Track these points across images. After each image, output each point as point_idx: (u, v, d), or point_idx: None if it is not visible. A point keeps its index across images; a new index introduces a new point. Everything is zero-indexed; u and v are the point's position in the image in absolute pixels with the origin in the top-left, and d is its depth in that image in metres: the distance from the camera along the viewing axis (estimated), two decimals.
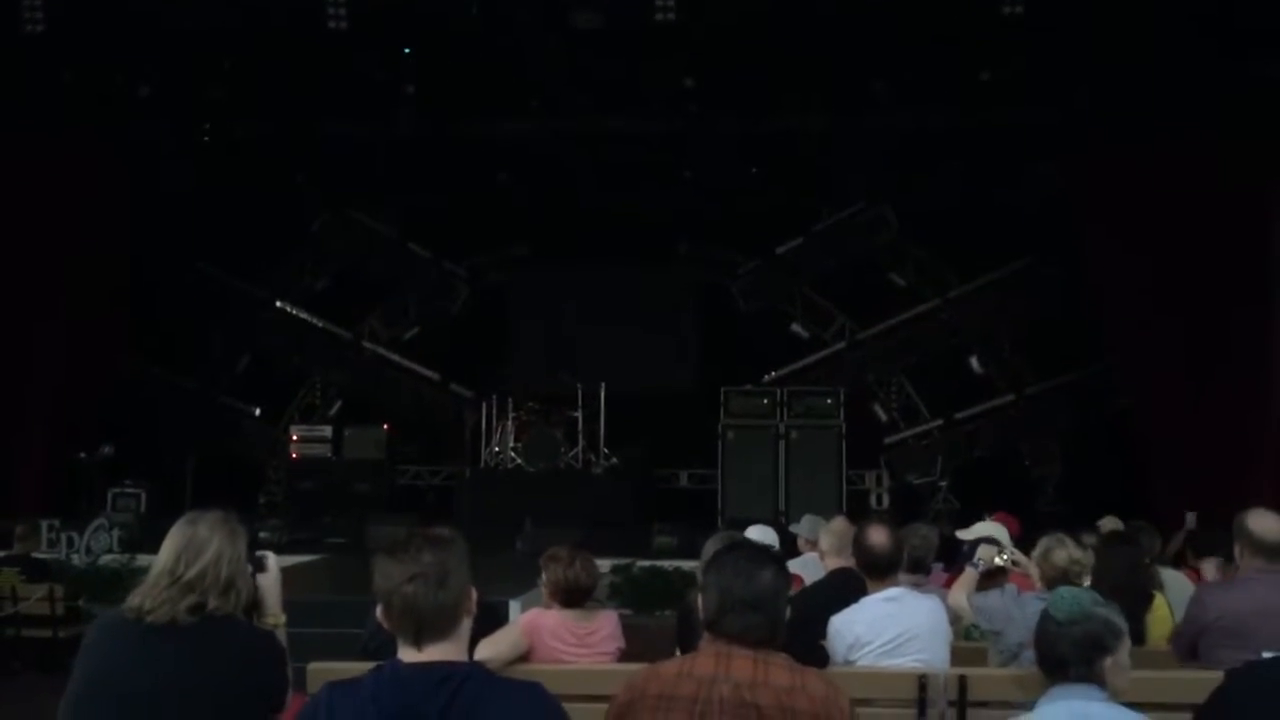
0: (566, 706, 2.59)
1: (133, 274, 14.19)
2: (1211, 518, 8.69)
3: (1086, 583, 4.47)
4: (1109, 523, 7.14)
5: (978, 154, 13.80)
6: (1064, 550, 4.59)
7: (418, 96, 13.01)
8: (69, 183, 12.82)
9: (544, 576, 4.94)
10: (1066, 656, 2.82)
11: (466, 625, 2.52)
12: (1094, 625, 2.83)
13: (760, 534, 6.01)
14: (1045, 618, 2.90)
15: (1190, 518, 9.02)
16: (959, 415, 15.57)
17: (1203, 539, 6.83)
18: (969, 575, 5.12)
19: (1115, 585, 4.35)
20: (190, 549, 2.98)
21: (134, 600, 2.96)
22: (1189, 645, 4.52)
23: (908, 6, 10.88)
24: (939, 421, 15.64)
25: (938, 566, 5.94)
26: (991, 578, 5.07)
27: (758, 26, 11.46)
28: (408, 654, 2.45)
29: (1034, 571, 4.76)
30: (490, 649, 4.44)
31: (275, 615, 3.27)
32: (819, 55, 12.02)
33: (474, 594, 2.54)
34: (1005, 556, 5.17)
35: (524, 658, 4.78)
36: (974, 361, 15.59)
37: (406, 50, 12.15)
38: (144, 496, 12.35)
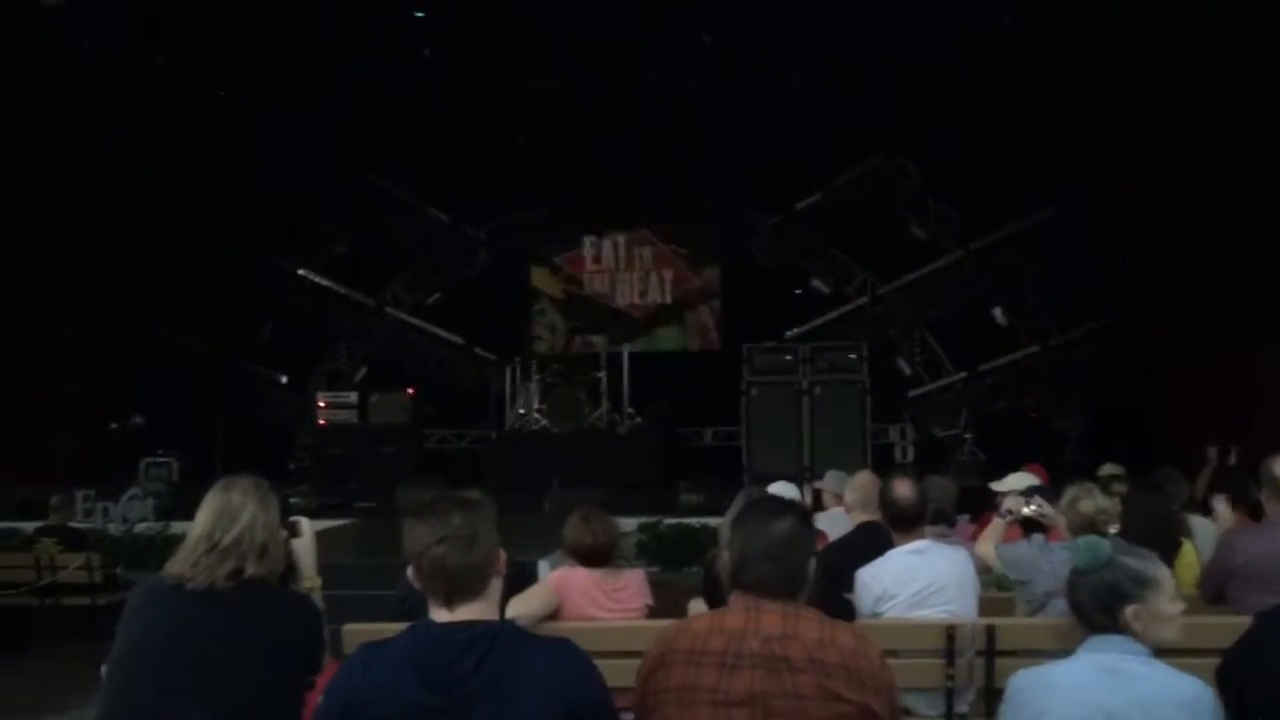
0: (600, 663, 2.64)
1: (160, 244, 14.26)
2: (1231, 454, 8.68)
3: (1114, 530, 4.48)
4: (1109, 469, 7.13)
5: (998, 103, 13.65)
6: (1090, 500, 4.59)
7: (435, 60, 12.97)
8: (96, 156, 12.88)
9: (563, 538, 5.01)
10: (1085, 604, 2.84)
11: (497, 585, 2.56)
12: (1113, 574, 2.83)
13: (782, 490, 6.03)
14: (1073, 570, 2.92)
15: (1212, 453, 8.95)
16: (982, 368, 15.52)
17: (1220, 477, 6.81)
18: (996, 525, 5.13)
19: (1142, 534, 4.34)
20: (226, 516, 3.03)
21: (173, 567, 3.01)
22: (1216, 589, 4.53)
23: None
24: (962, 374, 15.60)
25: (963, 518, 5.95)
26: (1022, 528, 5.08)
27: None
28: (439, 614, 2.50)
29: (1061, 521, 4.76)
30: (521, 605, 4.49)
31: (311, 579, 3.32)
32: (836, 8, 11.92)
33: (503, 555, 2.58)
34: (1033, 506, 5.16)
35: (553, 615, 4.84)
36: (998, 313, 15.52)
37: (419, 14, 12.07)
38: (175, 465, 12.48)
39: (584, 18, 12.45)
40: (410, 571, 2.55)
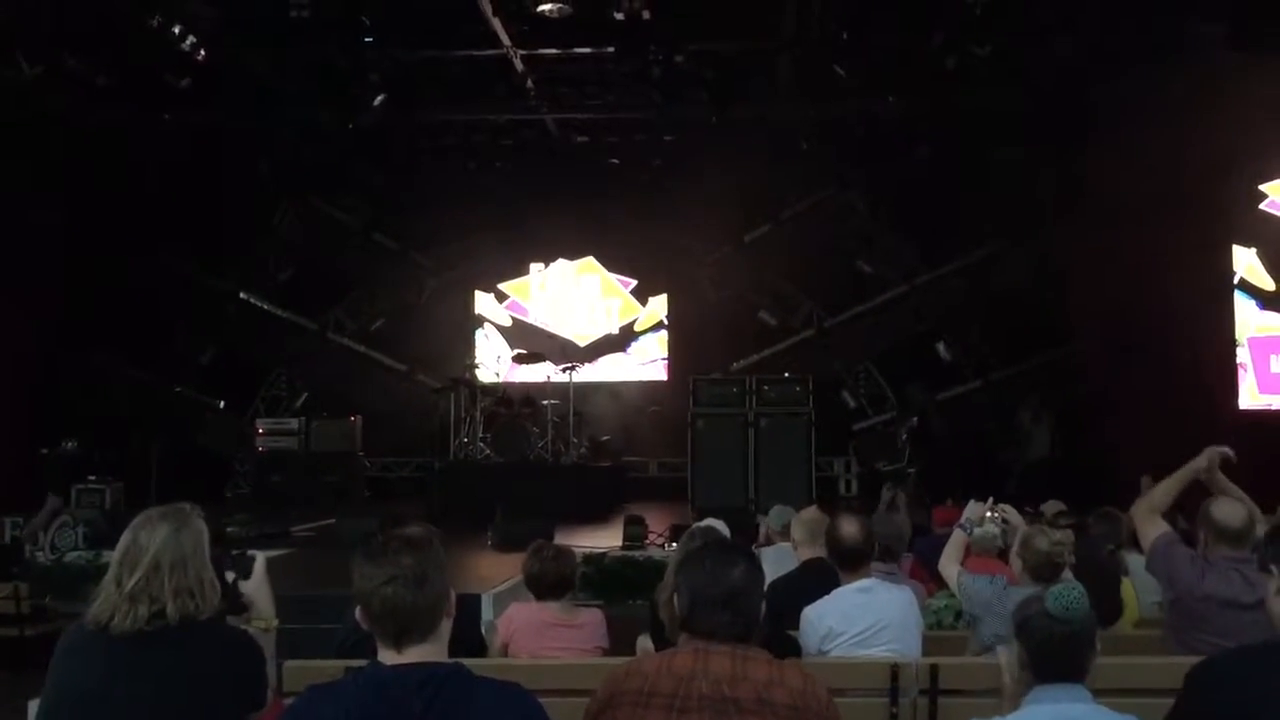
0: (549, 701, 2.59)
1: (96, 267, 14.03)
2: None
3: (1070, 562, 4.51)
4: (1051, 506, 7.21)
5: (945, 140, 13.88)
6: (1044, 537, 4.61)
7: (383, 86, 12.94)
8: (26, 172, 12.65)
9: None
10: (1062, 652, 2.81)
11: (446, 626, 2.52)
12: (1090, 623, 2.84)
13: (714, 526, 6.04)
14: (1043, 614, 2.85)
15: (1145, 482, 9.07)
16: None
17: None
18: (958, 538, 5.10)
19: (1077, 575, 4.38)
20: (128, 559, 2.94)
21: (93, 612, 2.92)
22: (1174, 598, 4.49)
23: None
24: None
25: (907, 556, 5.97)
26: (989, 559, 5.07)
27: (724, 16, 11.48)
28: (388, 656, 2.45)
29: (1016, 563, 4.74)
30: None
31: (266, 619, 3.23)
32: (785, 43, 12.07)
33: (453, 595, 2.54)
34: (995, 514, 5.16)
35: (505, 650, 4.80)
36: (941, 348, 15.70)
37: (368, 40, 12.02)
38: (108, 492, 12.21)
39: (533, 48, 12.48)
40: (358, 611, 2.50)
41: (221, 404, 16.13)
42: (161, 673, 2.84)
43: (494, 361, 15.47)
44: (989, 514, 5.18)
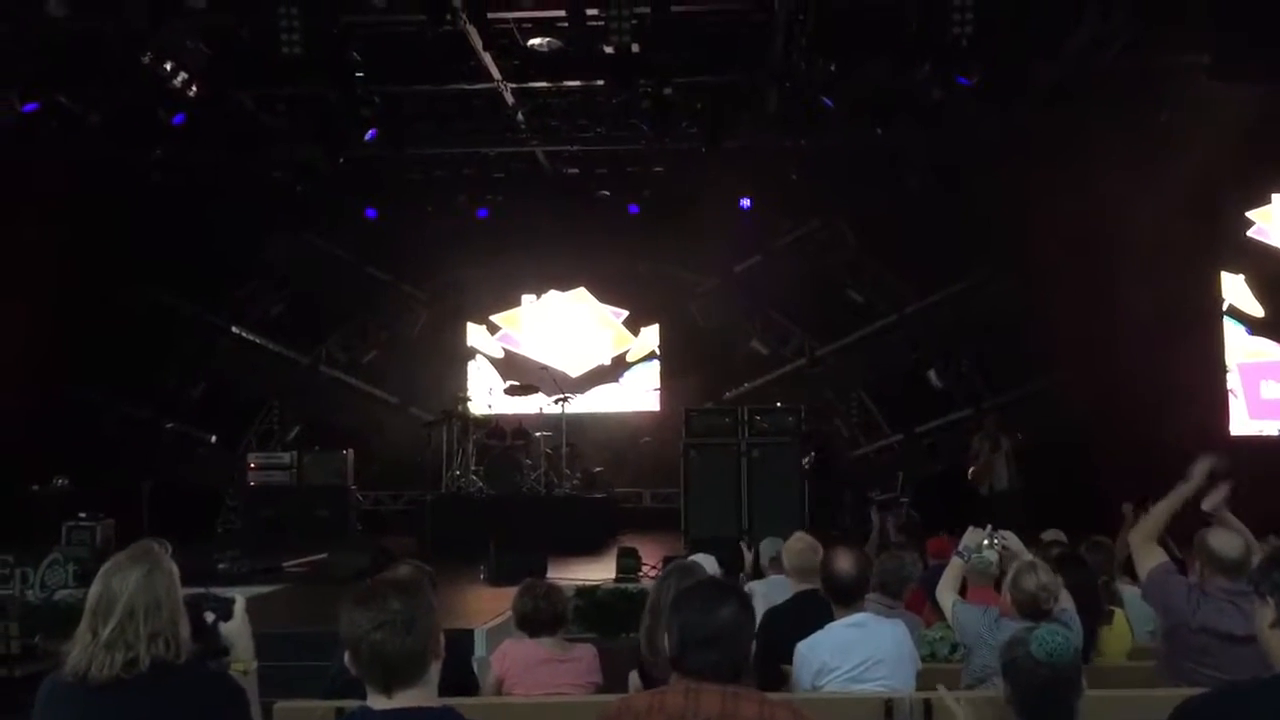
0: None
1: (87, 302, 14.04)
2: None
3: (1060, 607, 4.49)
4: (1051, 534, 7.20)
5: (933, 169, 13.97)
6: (1033, 576, 4.57)
7: (373, 120, 13.02)
8: (18, 207, 12.68)
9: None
10: (1047, 695, 2.82)
11: (435, 669, 2.51)
12: (1074, 667, 2.84)
13: (702, 563, 6.03)
14: (1028, 658, 2.86)
15: (1128, 510, 9.04)
16: (919, 429, 15.70)
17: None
18: (956, 566, 5.09)
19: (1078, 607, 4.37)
20: (102, 607, 2.91)
21: (70, 663, 2.89)
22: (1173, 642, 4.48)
23: (857, 26, 11.05)
24: (899, 436, 15.77)
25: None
26: (987, 589, 5.04)
27: (713, 49, 11.59)
28: (377, 701, 2.44)
29: (1006, 596, 4.73)
30: None
31: (245, 661, 3.21)
32: (774, 75, 12.16)
33: (441, 637, 2.54)
34: (995, 541, 5.14)
35: (499, 689, 4.79)
36: (933, 375, 15.74)
37: (359, 75, 12.10)
38: (99, 529, 12.14)
39: (523, 82, 12.58)
40: (346, 656, 2.49)
41: (213, 438, 16.08)
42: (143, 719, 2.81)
43: (486, 393, 15.46)
44: (986, 541, 5.17)
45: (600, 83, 12.46)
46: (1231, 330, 14.54)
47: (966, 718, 3.01)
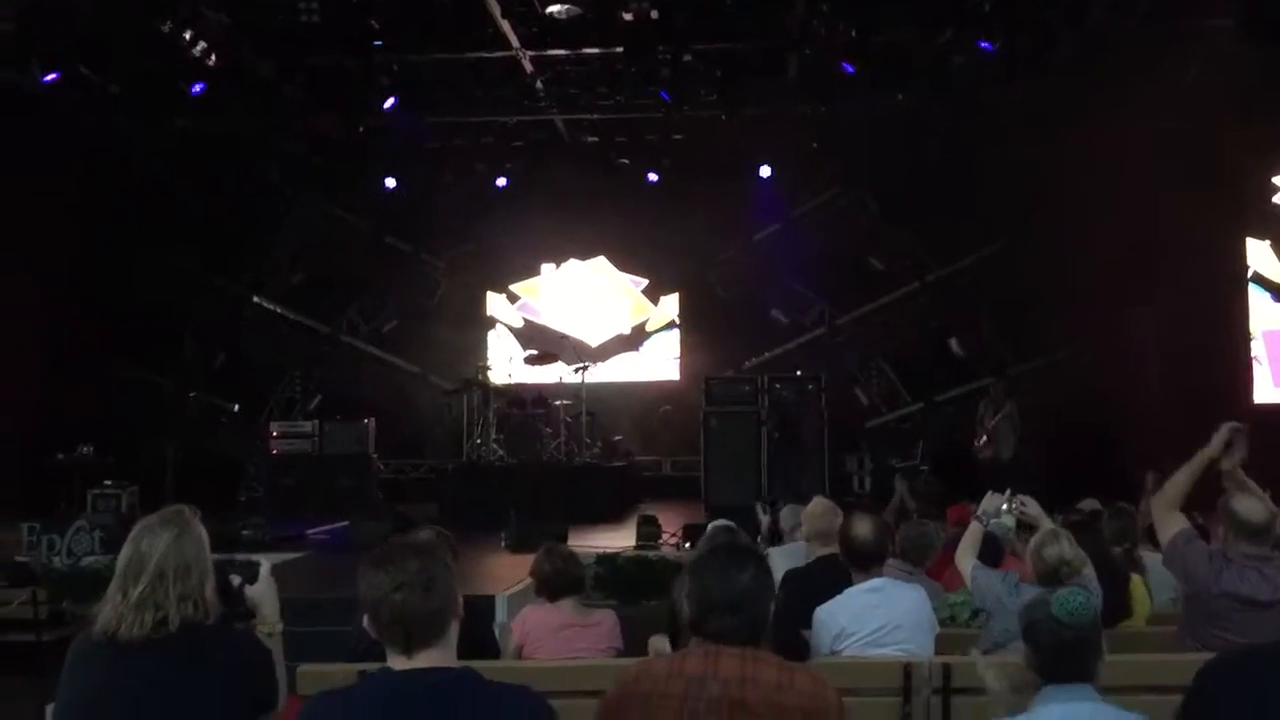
0: (564, 703, 2.60)
1: (109, 272, 14.12)
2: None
3: (1079, 581, 4.47)
4: (1089, 504, 7.18)
5: (954, 135, 13.85)
6: (1056, 547, 4.55)
7: (391, 89, 13.00)
8: (39, 179, 12.74)
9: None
10: (1068, 656, 2.82)
11: (454, 629, 2.53)
12: (1096, 627, 2.84)
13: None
14: (1048, 618, 2.86)
15: (1150, 478, 9.00)
16: (939, 398, 15.64)
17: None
18: (975, 531, 5.07)
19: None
20: (131, 569, 2.95)
21: (100, 622, 2.94)
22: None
23: None
24: (920, 405, 15.72)
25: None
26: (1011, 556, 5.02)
27: (732, 15, 11.49)
28: (397, 661, 2.46)
29: (1028, 563, 4.73)
30: None
31: (271, 624, 3.25)
32: (794, 41, 12.08)
33: (460, 597, 2.55)
34: (1014, 505, 5.12)
35: (519, 654, 4.83)
36: (954, 344, 15.67)
37: (377, 43, 12.07)
38: (124, 496, 12.26)
39: (542, 49, 12.52)
40: (365, 619, 2.51)
41: (235, 408, 16.18)
42: (171, 679, 2.85)
43: (506, 362, 15.49)
44: (1005, 506, 5.15)
45: (619, 50, 12.38)
46: (1256, 297, 14.40)
47: (994, 678, 3.00)
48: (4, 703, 7.59)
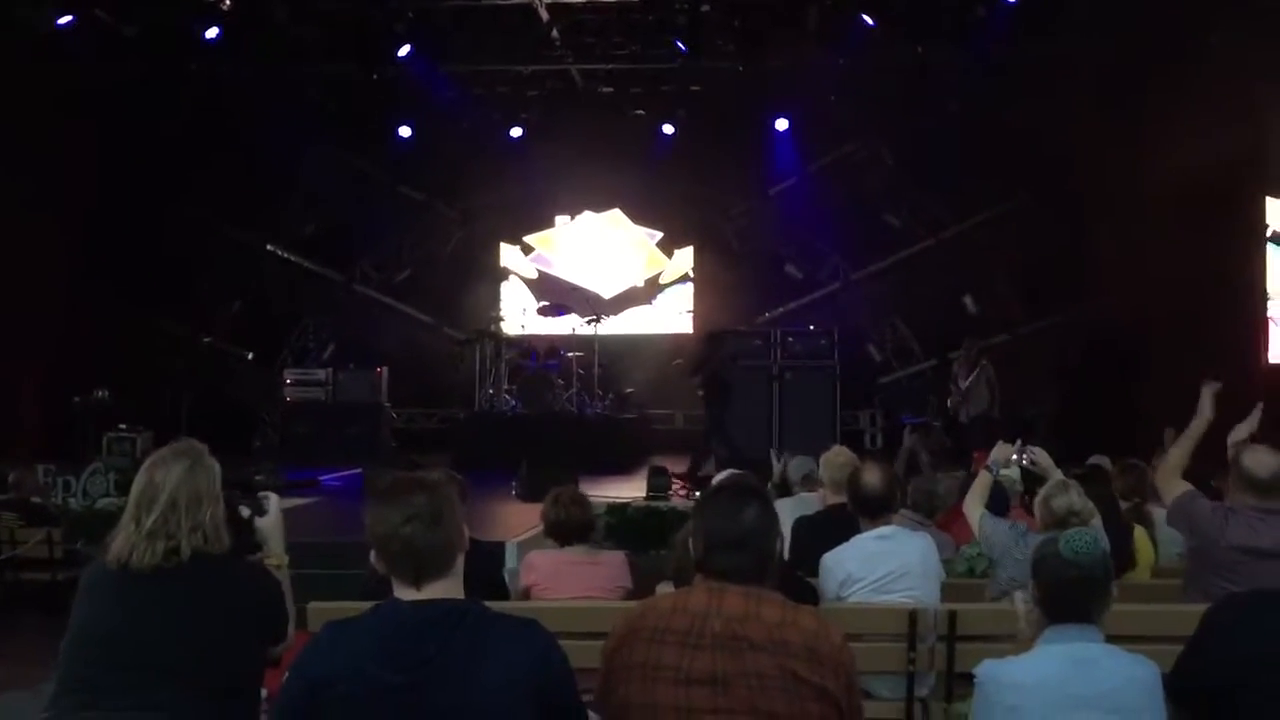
0: (574, 644, 2.62)
1: (123, 219, 14.13)
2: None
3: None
4: (1098, 460, 7.17)
5: (973, 91, 13.71)
6: (1064, 498, 4.56)
7: (407, 36, 12.92)
8: (53, 124, 12.72)
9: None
10: (1074, 595, 2.83)
11: (460, 562, 2.55)
12: (1103, 568, 2.85)
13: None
14: (1056, 556, 2.87)
15: (1168, 435, 8.97)
16: (952, 355, 15.57)
17: None
18: (984, 480, 5.08)
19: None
20: (145, 497, 2.97)
21: (113, 550, 2.97)
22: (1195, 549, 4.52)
23: None
24: (933, 361, 15.67)
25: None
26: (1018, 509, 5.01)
27: None
28: (406, 593, 2.49)
29: (1036, 513, 4.74)
30: None
31: (278, 556, 3.29)
32: None
33: (465, 530, 2.58)
34: (1024, 456, 5.13)
35: (526, 595, 4.87)
36: (968, 301, 15.58)
37: None
38: (139, 440, 12.36)
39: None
40: (373, 555, 2.54)
41: (250, 355, 16.25)
42: (182, 607, 2.89)
43: (519, 313, 15.49)
44: (1015, 456, 5.15)
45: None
46: (1275, 256, 14.26)
47: (1028, 618, 3.03)
48: (23, 640, 7.72)
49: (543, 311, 15.17)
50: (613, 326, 15.33)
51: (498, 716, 2.39)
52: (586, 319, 14.55)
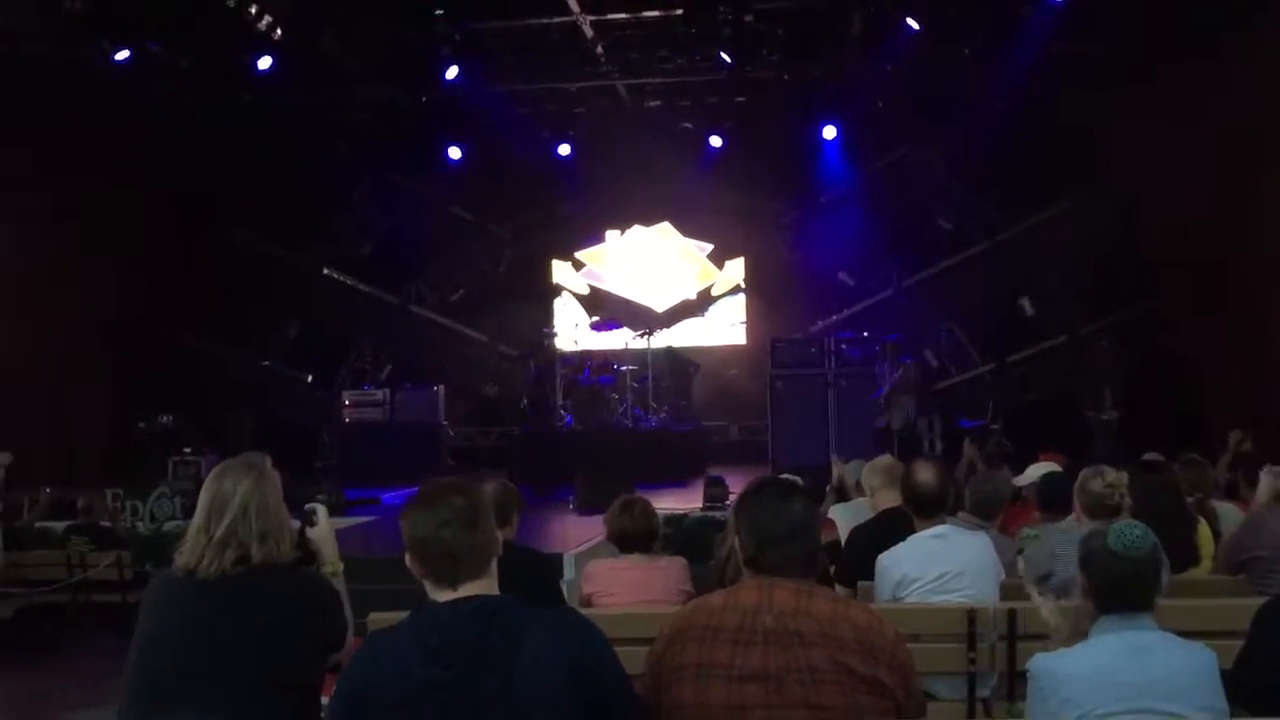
0: (632, 650, 2.63)
1: (181, 247, 14.41)
2: (1246, 440, 8.56)
3: (1127, 504, 4.47)
4: (1151, 456, 7.04)
5: (1022, 91, 13.56)
6: (1100, 478, 4.59)
7: (454, 57, 13.07)
8: (115, 157, 13.03)
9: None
10: (1124, 587, 2.79)
11: (494, 566, 2.59)
12: (1152, 560, 2.81)
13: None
14: (1105, 550, 2.83)
15: (1234, 436, 8.79)
16: (1010, 359, 15.39)
17: (1235, 462, 6.77)
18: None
19: (1150, 512, 4.29)
20: (216, 506, 3.04)
21: (181, 559, 3.03)
22: (1235, 564, 4.49)
23: None
24: (990, 365, 15.48)
25: None
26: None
27: None
28: (443, 594, 2.53)
29: (1076, 504, 4.72)
30: None
31: (333, 564, 3.34)
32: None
33: (499, 535, 2.63)
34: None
35: (586, 603, 4.88)
36: (1025, 304, 15.38)
37: (439, 12, 12.14)
38: (203, 464, 12.56)
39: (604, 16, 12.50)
40: (408, 559, 2.58)
41: (309, 378, 16.46)
42: (248, 614, 2.94)
43: (572, 329, 15.56)
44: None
45: (679, 12, 12.32)
46: None
47: (1052, 615, 3.00)
48: (93, 661, 7.88)
49: (595, 327, 15.23)
50: (666, 340, 15.34)
51: (541, 703, 2.40)
52: (639, 332, 14.58)
